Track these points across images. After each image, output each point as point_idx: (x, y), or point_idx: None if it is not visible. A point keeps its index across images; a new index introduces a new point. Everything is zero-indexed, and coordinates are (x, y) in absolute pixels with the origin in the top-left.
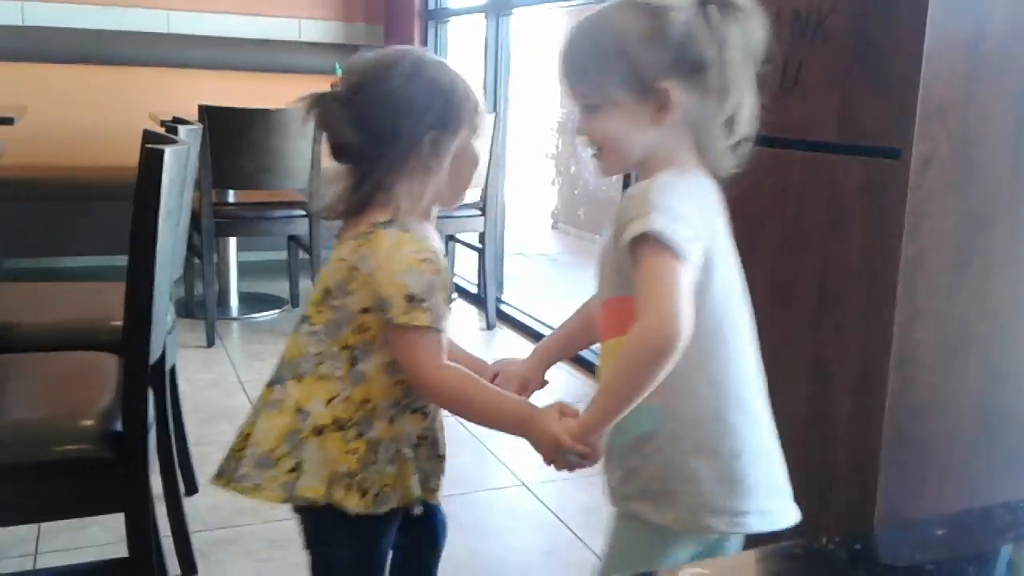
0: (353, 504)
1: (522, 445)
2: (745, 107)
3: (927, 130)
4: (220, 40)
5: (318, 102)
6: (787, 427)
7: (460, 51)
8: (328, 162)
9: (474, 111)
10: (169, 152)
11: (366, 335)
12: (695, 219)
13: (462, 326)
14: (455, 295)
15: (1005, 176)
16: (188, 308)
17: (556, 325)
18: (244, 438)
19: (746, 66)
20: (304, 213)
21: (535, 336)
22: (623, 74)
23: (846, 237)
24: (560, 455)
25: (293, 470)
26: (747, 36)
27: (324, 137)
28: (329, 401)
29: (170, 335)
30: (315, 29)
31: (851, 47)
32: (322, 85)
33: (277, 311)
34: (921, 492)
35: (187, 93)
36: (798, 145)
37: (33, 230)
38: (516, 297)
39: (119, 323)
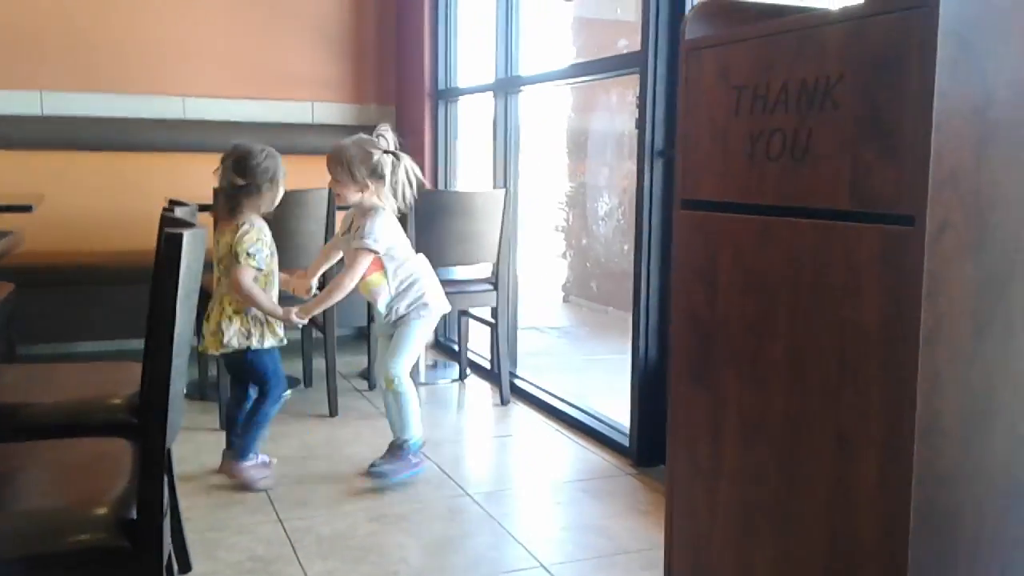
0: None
1: (541, 525)
2: (400, 187)
3: (940, 196)
4: (235, 124)
5: (224, 162)
6: (811, 498)
7: (470, 128)
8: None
9: (278, 174)
10: (187, 236)
11: None
12: (379, 233)
13: (476, 402)
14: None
15: (1021, 240)
16: (202, 390)
17: (571, 399)
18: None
19: (400, 174)
20: (318, 293)
21: (550, 411)
22: (346, 174)
23: (864, 304)
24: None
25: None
26: (401, 174)
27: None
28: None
29: None
30: (328, 111)
31: (860, 115)
32: None
33: (290, 391)
34: (952, 565)
35: (204, 177)
36: (811, 213)
37: (48, 316)
38: (530, 371)
39: (123, 402)
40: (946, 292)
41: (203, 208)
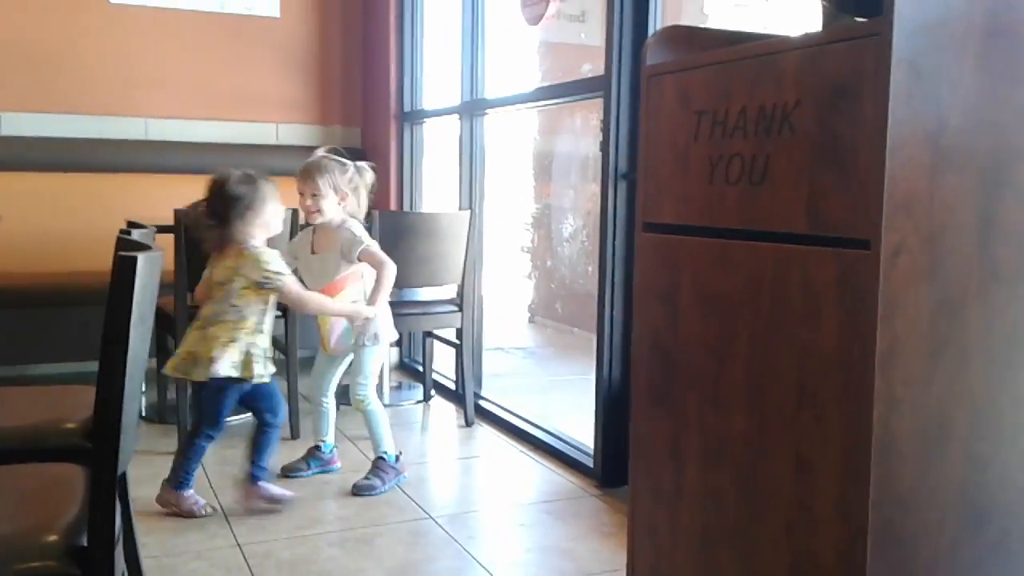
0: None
1: (505, 548)
2: (364, 200)
3: (895, 221)
4: (198, 145)
5: (210, 190)
6: (771, 520)
7: (435, 149)
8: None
9: (255, 201)
10: (142, 259)
11: (247, 298)
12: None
13: (440, 423)
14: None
15: (974, 264)
16: (160, 413)
17: (536, 420)
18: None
19: (365, 188)
20: (280, 313)
21: (515, 432)
22: (329, 185)
23: (822, 327)
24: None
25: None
26: (368, 180)
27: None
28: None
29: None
30: (293, 133)
31: (817, 140)
32: None
33: (249, 414)
34: None
35: (165, 198)
36: (769, 237)
37: (4, 337)
38: (495, 392)
39: (77, 426)
40: (901, 315)
41: (162, 230)
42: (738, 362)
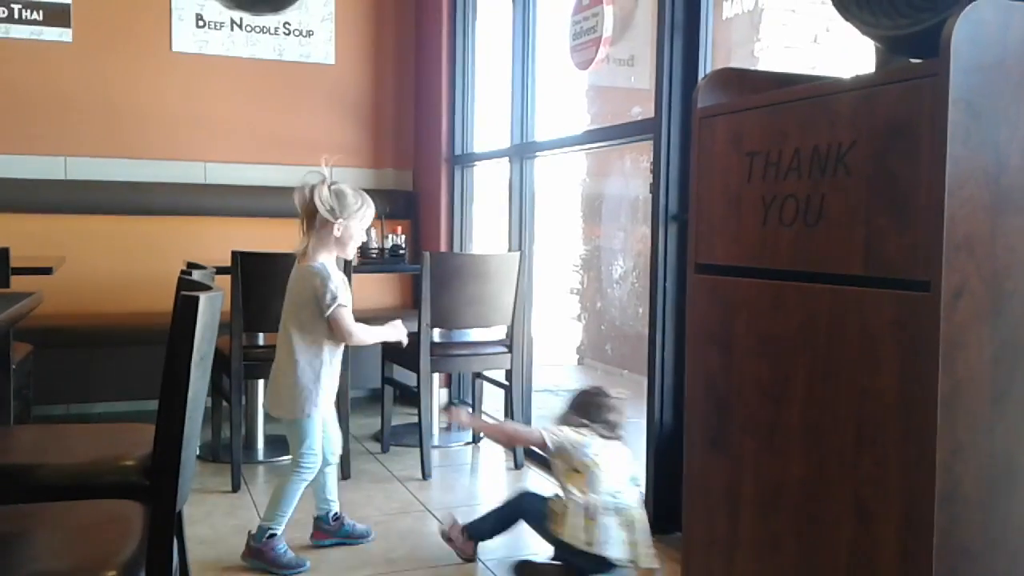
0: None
1: None
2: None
3: (955, 262)
4: (254, 189)
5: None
6: (830, 568)
7: (486, 192)
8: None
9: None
10: (204, 299)
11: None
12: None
13: (490, 465)
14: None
15: None
16: (215, 452)
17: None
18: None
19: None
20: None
21: None
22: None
23: (880, 371)
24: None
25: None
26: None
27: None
28: None
29: None
30: (346, 176)
31: (872, 180)
32: None
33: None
34: None
35: (222, 240)
36: (825, 278)
37: (65, 376)
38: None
39: (135, 463)
40: (963, 358)
41: (220, 271)
42: (795, 406)
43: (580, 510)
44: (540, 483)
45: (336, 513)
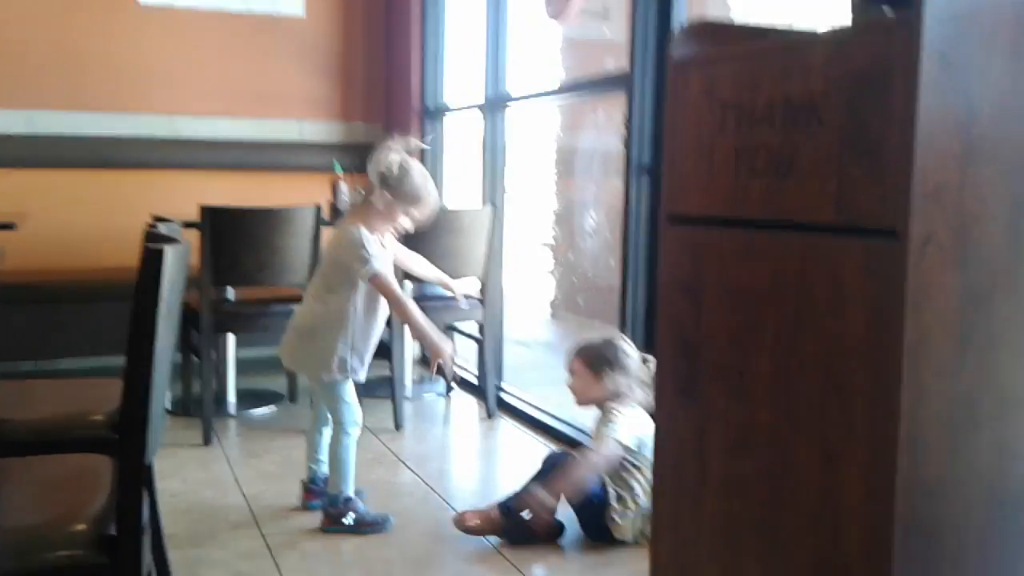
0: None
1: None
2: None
3: (924, 211)
4: (223, 142)
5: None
6: (797, 511)
7: (457, 145)
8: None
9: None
10: (169, 251)
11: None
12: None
13: (462, 416)
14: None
15: (1003, 254)
16: (185, 406)
17: (557, 413)
18: None
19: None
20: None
21: (536, 425)
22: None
23: (848, 318)
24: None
25: None
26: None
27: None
28: None
29: None
30: (315, 130)
31: (845, 131)
32: (322, 183)
33: (275, 407)
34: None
35: (190, 194)
36: (796, 227)
37: (31, 333)
38: (516, 386)
39: (104, 418)
40: (930, 305)
41: (188, 225)
42: (764, 353)
43: (644, 509)
44: (512, 432)
45: (327, 475)
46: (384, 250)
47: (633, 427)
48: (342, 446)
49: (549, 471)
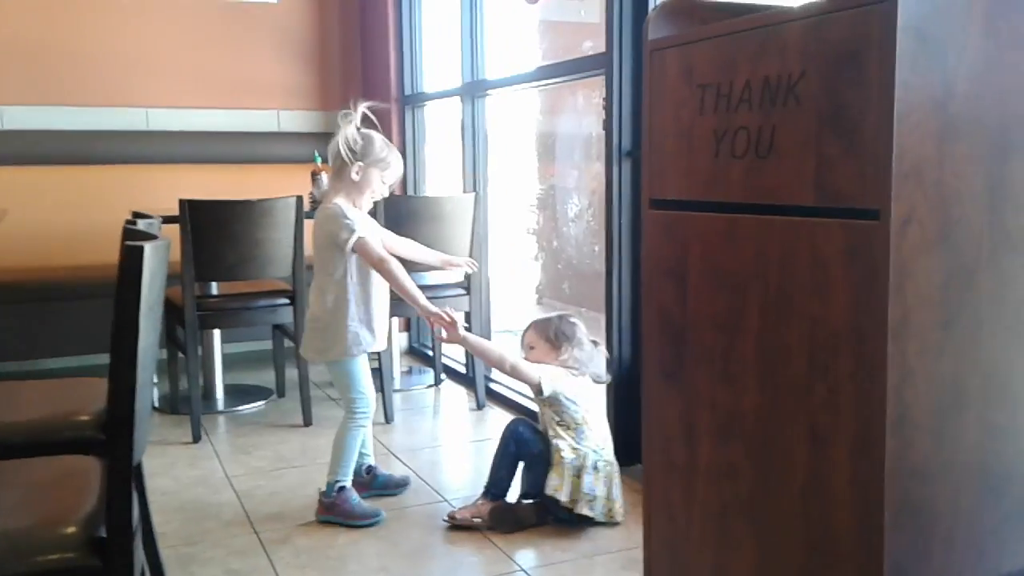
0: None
1: None
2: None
3: (903, 190)
4: (200, 135)
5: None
6: (786, 493)
7: (438, 132)
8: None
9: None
10: (148, 248)
11: None
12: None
13: (452, 407)
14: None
15: (984, 232)
16: (173, 404)
17: None
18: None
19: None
20: (288, 301)
21: (526, 414)
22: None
23: (832, 299)
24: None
25: None
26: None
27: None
28: None
29: None
30: (294, 119)
31: (822, 110)
32: (303, 173)
33: (263, 402)
34: (927, 556)
35: (169, 188)
36: (777, 210)
37: (12, 333)
38: (505, 375)
39: (90, 418)
40: (913, 285)
41: (168, 220)
42: (748, 337)
43: (568, 466)
44: (502, 422)
45: (369, 465)
46: (367, 220)
47: (570, 386)
48: (350, 434)
49: (511, 444)
